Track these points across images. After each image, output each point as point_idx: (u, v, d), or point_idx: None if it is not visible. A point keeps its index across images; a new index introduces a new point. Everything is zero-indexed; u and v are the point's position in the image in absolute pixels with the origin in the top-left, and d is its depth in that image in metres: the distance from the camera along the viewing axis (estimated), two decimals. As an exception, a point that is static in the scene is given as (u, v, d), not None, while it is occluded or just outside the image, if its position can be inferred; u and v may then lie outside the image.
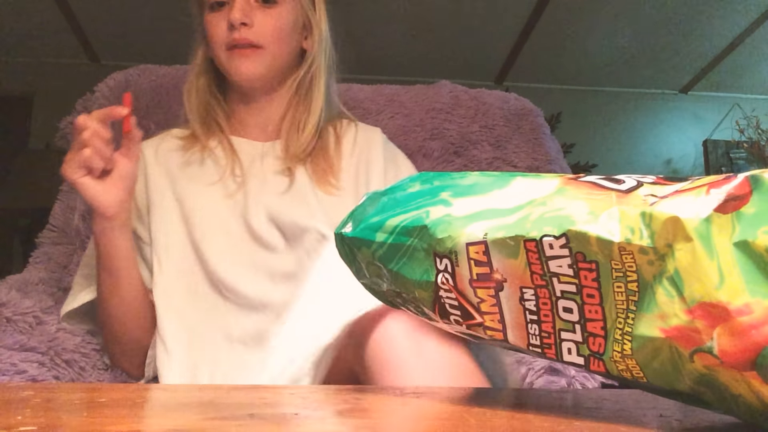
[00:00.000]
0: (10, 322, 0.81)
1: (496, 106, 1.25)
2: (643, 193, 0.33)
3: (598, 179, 0.36)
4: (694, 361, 0.30)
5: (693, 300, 0.30)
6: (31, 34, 3.48)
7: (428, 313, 0.41)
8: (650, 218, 0.31)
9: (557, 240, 0.33)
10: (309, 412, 0.36)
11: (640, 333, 0.32)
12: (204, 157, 0.94)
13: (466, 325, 0.39)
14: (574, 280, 0.34)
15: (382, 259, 0.41)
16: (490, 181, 0.39)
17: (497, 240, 0.36)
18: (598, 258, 0.33)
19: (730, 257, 0.29)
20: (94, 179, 0.78)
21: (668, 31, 3.52)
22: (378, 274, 0.42)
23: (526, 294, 0.36)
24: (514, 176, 0.39)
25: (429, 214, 0.39)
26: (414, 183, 0.43)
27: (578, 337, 0.35)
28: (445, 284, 0.38)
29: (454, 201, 0.39)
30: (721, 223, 0.29)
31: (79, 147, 0.76)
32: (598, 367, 0.35)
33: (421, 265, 0.39)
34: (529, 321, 0.36)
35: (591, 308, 0.34)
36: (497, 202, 0.37)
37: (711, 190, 0.30)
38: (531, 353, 0.37)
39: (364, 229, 0.42)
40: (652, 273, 0.31)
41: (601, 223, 0.32)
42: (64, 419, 0.32)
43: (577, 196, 0.35)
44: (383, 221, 0.41)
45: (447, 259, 0.38)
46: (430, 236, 0.38)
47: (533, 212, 0.35)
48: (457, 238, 0.37)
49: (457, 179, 0.41)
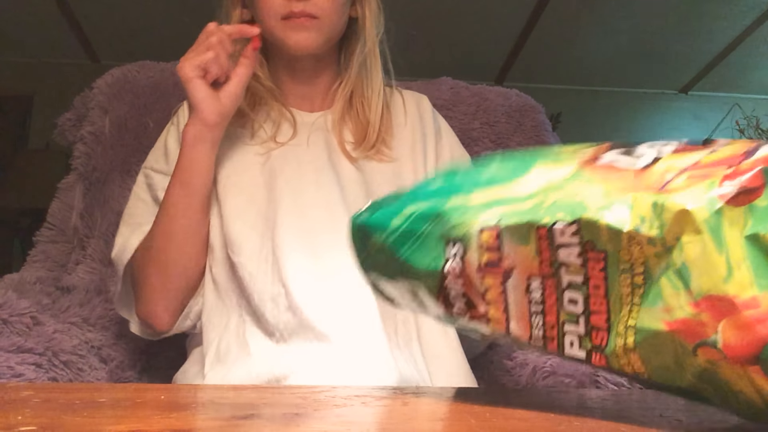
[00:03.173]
0: (6, 323, 0.81)
1: (497, 103, 1.24)
2: (661, 168, 0.33)
3: (616, 156, 0.36)
4: (697, 354, 0.30)
5: (699, 293, 0.30)
6: (31, 34, 3.48)
7: (428, 304, 0.41)
8: (662, 209, 0.31)
9: (569, 227, 0.33)
10: (309, 412, 0.36)
11: (644, 326, 0.32)
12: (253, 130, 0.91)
13: (469, 316, 0.39)
14: (582, 270, 0.34)
15: (394, 245, 0.41)
16: (510, 169, 0.40)
17: (510, 226, 0.36)
18: (607, 248, 0.33)
19: (740, 250, 0.29)
20: (206, 84, 0.79)
21: (668, 31, 3.52)
22: (384, 264, 0.42)
23: (532, 284, 0.36)
24: (535, 161, 0.39)
25: (447, 203, 0.39)
26: (438, 178, 0.44)
27: (581, 329, 0.35)
28: (453, 271, 0.38)
29: (473, 193, 0.39)
30: (732, 216, 0.29)
31: (203, 49, 0.78)
32: (600, 362, 0.34)
33: (431, 252, 0.39)
34: (533, 312, 0.36)
35: (596, 300, 0.34)
36: (515, 189, 0.37)
37: (724, 182, 0.30)
38: (532, 346, 0.37)
39: (381, 215, 0.42)
40: (658, 266, 0.31)
41: (614, 211, 0.32)
42: (64, 419, 0.32)
43: (592, 180, 0.35)
44: (401, 208, 0.42)
45: (459, 243, 0.38)
46: (445, 222, 0.39)
47: (548, 198, 0.35)
48: (471, 223, 0.37)
49: (481, 172, 0.41)
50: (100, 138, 1.13)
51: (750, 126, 3.88)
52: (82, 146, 1.13)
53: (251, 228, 0.82)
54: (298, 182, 0.85)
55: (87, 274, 1.06)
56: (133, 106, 1.16)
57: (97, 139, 1.13)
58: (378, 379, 0.72)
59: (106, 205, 1.11)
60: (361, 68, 0.93)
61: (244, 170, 0.87)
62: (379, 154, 0.90)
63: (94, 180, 1.12)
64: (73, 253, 1.08)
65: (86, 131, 1.13)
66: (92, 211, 1.10)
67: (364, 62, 0.93)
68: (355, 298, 0.78)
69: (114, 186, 1.12)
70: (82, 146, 1.13)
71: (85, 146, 1.13)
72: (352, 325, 0.76)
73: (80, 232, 1.08)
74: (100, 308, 1.01)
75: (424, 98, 1.01)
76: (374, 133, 0.91)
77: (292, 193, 0.84)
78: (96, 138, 1.13)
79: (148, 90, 1.17)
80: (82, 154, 1.12)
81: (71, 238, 1.09)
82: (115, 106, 1.15)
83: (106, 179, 1.12)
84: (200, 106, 0.79)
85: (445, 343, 0.83)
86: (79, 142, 1.14)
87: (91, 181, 1.11)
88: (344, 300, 0.78)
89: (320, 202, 0.84)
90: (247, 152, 0.88)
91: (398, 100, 0.98)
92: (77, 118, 1.18)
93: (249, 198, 0.84)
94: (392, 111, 0.96)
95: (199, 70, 0.78)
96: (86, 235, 1.09)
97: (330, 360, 0.74)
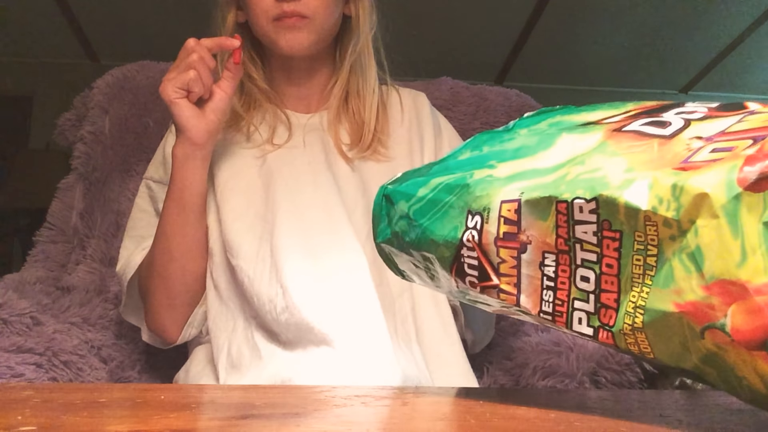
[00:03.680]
0: (6, 323, 0.81)
1: (497, 103, 1.24)
2: (687, 137, 0.33)
3: (644, 125, 0.36)
4: (704, 337, 0.30)
5: (712, 276, 0.30)
6: (31, 34, 3.47)
7: (440, 275, 0.41)
8: (681, 191, 0.31)
9: (588, 204, 0.34)
10: (309, 412, 0.36)
11: (653, 307, 0.32)
12: (249, 133, 0.90)
13: (480, 287, 0.39)
14: (597, 248, 0.34)
15: (416, 213, 0.42)
16: (536, 141, 0.40)
17: (531, 199, 0.36)
18: (623, 228, 0.33)
19: (756, 236, 0.29)
20: (191, 103, 0.78)
21: (668, 31, 3.52)
22: (403, 231, 0.43)
23: (547, 259, 0.36)
24: (560, 133, 0.39)
25: (473, 175, 0.40)
26: (465, 150, 0.44)
27: (590, 307, 0.35)
28: (470, 242, 0.39)
29: (500, 165, 0.40)
30: (751, 201, 0.29)
31: (183, 68, 0.76)
32: (607, 339, 0.35)
33: (451, 222, 0.40)
34: (546, 287, 0.36)
35: (608, 278, 0.34)
36: (540, 162, 0.38)
37: (744, 168, 0.30)
38: (541, 320, 0.37)
39: (410, 185, 0.43)
40: (672, 249, 0.31)
41: (633, 190, 0.33)
42: (64, 419, 0.32)
43: (616, 152, 0.35)
44: (429, 179, 0.42)
45: (479, 215, 0.38)
46: (468, 194, 0.39)
47: (570, 172, 0.36)
48: (494, 195, 0.38)
49: (506, 142, 0.42)
50: (100, 138, 1.13)
51: (750, 126, 3.88)
52: (82, 146, 1.13)
53: (249, 230, 0.82)
54: (295, 184, 0.85)
55: (87, 274, 1.06)
56: (133, 106, 1.16)
57: (97, 139, 1.13)
58: (383, 379, 0.72)
59: (107, 205, 1.11)
60: (355, 66, 0.93)
61: (241, 174, 0.87)
62: (375, 153, 0.90)
63: (94, 180, 1.12)
64: (73, 253, 1.08)
65: (86, 131, 1.13)
66: (92, 211, 1.10)
67: (357, 60, 0.92)
68: (355, 298, 0.78)
69: (114, 186, 1.12)
70: (82, 146, 1.13)
71: (85, 146, 1.13)
72: (354, 326, 0.76)
73: (80, 232, 1.08)
74: (100, 308, 1.01)
75: (421, 95, 1.00)
76: (369, 133, 0.90)
77: (289, 194, 0.84)
78: (96, 138, 1.13)
79: (148, 90, 1.17)
80: (82, 154, 1.12)
81: (71, 238, 1.09)
82: (115, 106, 1.15)
83: (107, 179, 1.12)
84: (186, 126, 0.79)
85: (445, 341, 0.83)
86: (79, 142, 1.14)
87: (91, 181, 1.11)
88: (344, 300, 0.78)
89: (317, 203, 0.84)
90: (244, 156, 0.88)
91: (395, 98, 0.97)
92: (77, 118, 1.18)
93: (246, 201, 0.84)
94: (389, 109, 0.95)
95: (181, 91, 0.77)
96: (86, 235, 1.09)
97: (334, 362, 0.74)
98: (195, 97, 0.79)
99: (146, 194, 0.93)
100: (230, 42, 0.80)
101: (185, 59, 0.77)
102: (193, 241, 0.83)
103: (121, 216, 1.09)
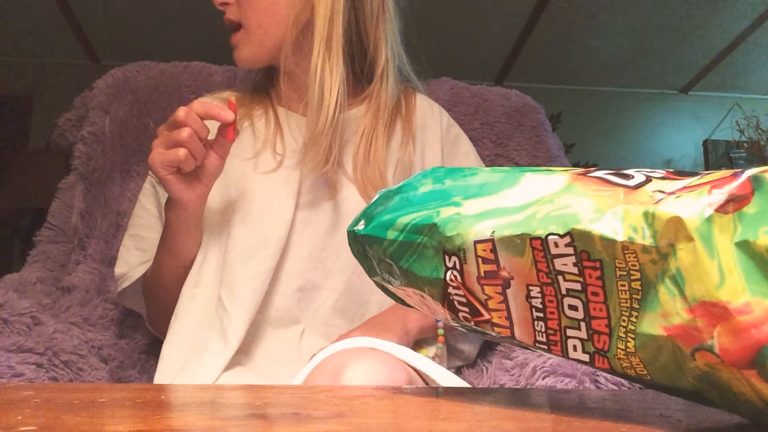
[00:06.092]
0: (6, 323, 0.81)
1: (497, 103, 1.24)
2: (650, 189, 0.33)
3: (607, 174, 0.36)
4: (695, 359, 0.30)
5: (694, 299, 0.30)
6: (31, 34, 3.48)
7: (437, 308, 0.41)
8: (653, 218, 0.31)
9: (562, 238, 0.33)
10: (309, 412, 0.36)
11: (643, 331, 0.32)
12: (244, 126, 0.89)
13: (474, 322, 0.39)
14: (579, 278, 0.34)
15: (393, 256, 0.41)
16: (500, 179, 0.40)
17: (504, 238, 0.36)
18: (602, 257, 0.33)
19: (730, 257, 0.29)
20: (181, 176, 0.75)
21: (668, 31, 3.52)
22: (389, 271, 0.42)
23: (532, 291, 0.36)
24: (524, 173, 0.39)
25: (439, 213, 0.39)
26: (426, 181, 0.43)
27: (583, 334, 0.35)
28: (454, 281, 0.38)
29: (465, 202, 0.39)
30: (722, 223, 0.29)
31: (173, 144, 0.72)
32: (603, 364, 0.35)
33: (430, 263, 0.39)
34: (536, 318, 0.36)
35: (595, 306, 0.34)
36: (506, 200, 0.38)
37: (713, 190, 0.30)
38: (538, 350, 0.37)
39: (376, 227, 0.42)
40: (654, 272, 0.31)
41: (605, 222, 0.33)
42: (64, 419, 0.32)
43: (584, 194, 0.35)
44: (394, 219, 0.41)
45: (456, 256, 0.38)
46: (439, 234, 0.39)
47: (540, 210, 0.35)
48: (466, 235, 0.37)
49: (468, 178, 0.41)
50: (101, 138, 1.13)
51: (750, 126, 3.88)
52: (82, 146, 1.13)
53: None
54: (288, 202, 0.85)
55: (87, 274, 1.06)
56: (134, 106, 1.16)
57: (98, 140, 1.13)
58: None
59: (107, 206, 1.11)
60: (322, 61, 0.82)
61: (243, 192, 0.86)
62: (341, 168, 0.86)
63: (95, 180, 1.12)
64: (74, 253, 1.08)
65: (86, 131, 1.13)
66: (92, 211, 1.10)
67: (320, 52, 0.82)
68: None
69: (114, 186, 1.12)
70: (82, 146, 1.13)
71: (86, 146, 1.13)
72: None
73: (80, 232, 1.08)
74: (100, 308, 1.01)
75: (435, 106, 0.98)
76: (326, 140, 0.81)
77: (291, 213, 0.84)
78: (96, 138, 1.13)
79: (149, 90, 1.17)
80: (83, 155, 1.12)
81: (71, 238, 1.09)
82: (115, 107, 1.15)
83: (107, 179, 1.12)
84: (176, 197, 0.76)
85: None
86: (79, 142, 1.14)
87: (92, 181, 1.12)
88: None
89: (322, 218, 0.85)
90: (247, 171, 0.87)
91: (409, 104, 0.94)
92: (77, 119, 1.18)
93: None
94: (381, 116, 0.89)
95: (171, 168, 0.73)
96: (86, 235, 1.09)
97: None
98: (185, 172, 0.75)
99: (151, 193, 0.93)
100: (224, 115, 0.73)
101: (175, 134, 0.72)
102: (185, 274, 0.84)
103: (122, 216, 1.09)
